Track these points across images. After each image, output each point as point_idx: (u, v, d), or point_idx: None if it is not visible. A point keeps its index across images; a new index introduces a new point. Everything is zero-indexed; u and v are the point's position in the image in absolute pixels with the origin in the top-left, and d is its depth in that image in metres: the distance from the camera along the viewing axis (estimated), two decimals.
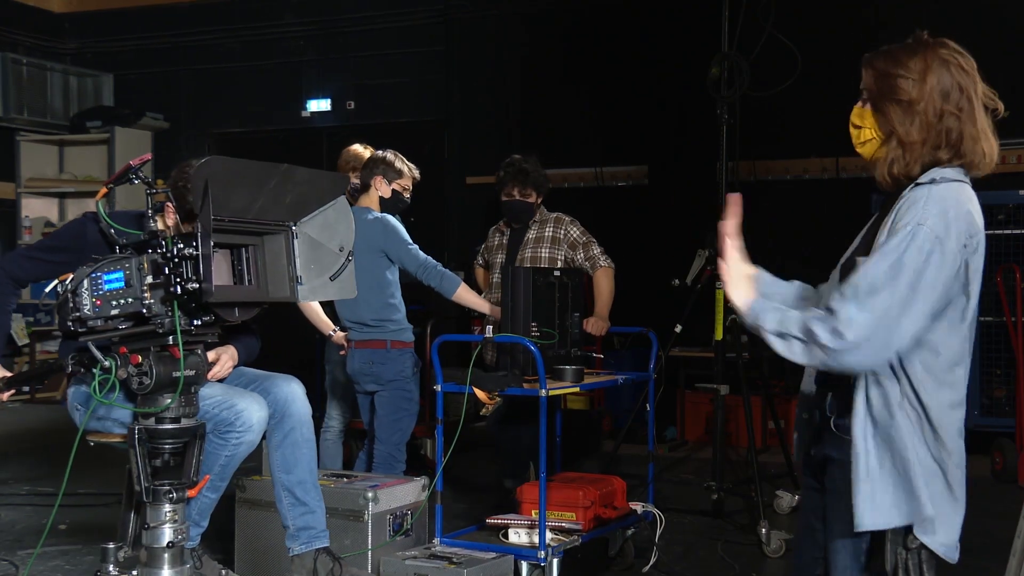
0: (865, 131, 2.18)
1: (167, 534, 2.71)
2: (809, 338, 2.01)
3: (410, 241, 4.40)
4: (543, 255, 4.79)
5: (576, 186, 7.70)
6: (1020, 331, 6.08)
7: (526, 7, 8.08)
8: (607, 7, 7.76)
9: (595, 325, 4.68)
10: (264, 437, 3.45)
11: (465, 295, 4.43)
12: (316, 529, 3.59)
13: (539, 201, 4.88)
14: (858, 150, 2.22)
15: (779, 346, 2.05)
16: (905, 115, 2.10)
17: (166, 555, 2.73)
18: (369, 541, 3.84)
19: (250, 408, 3.28)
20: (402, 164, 4.61)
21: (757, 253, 2.24)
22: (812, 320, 2.02)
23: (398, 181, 4.59)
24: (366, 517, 3.84)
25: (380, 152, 4.64)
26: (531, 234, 4.86)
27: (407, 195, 4.65)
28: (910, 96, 2.09)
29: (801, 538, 2.35)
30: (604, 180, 7.81)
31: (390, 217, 4.46)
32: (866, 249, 2.14)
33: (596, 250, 4.80)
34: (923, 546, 2.07)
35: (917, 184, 2.08)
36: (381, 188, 4.57)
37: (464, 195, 8.29)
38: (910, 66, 2.10)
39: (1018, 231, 6.34)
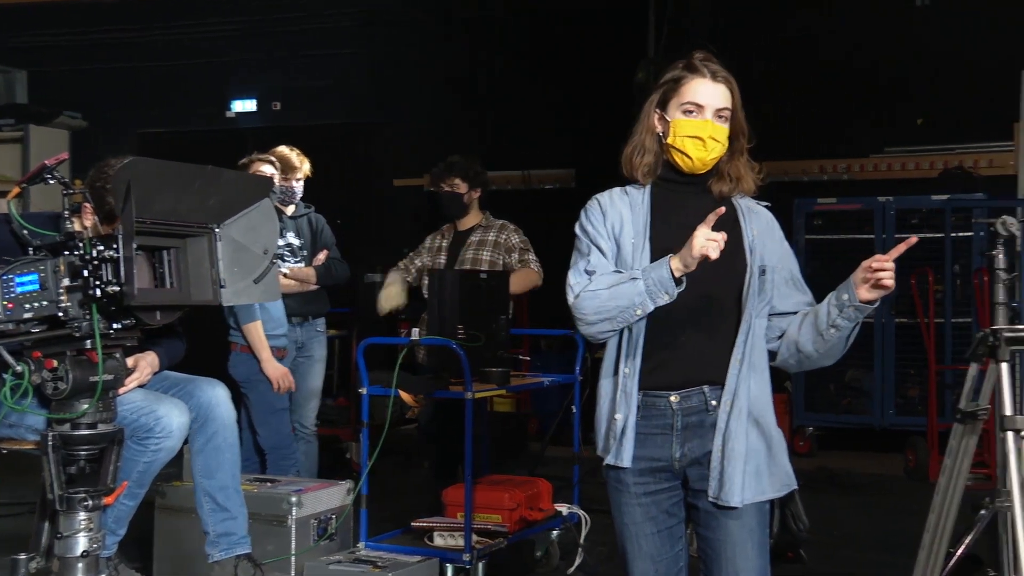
0: (720, 145, 2.34)
1: (81, 543, 2.64)
2: None
3: None
4: (484, 258, 4.79)
5: (503, 188, 7.71)
6: (932, 332, 6.27)
7: (447, 11, 8.07)
8: (532, 10, 7.79)
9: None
10: (186, 442, 3.40)
11: (251, 332, 4.49)
12: (237, 535, 3.54)
13: (473, 195, 4.86)
14: (707, 163, 2.36)
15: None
16: (742, 113, 2.36)
17: (80, 565, 2.66)
18: (292, 546, 3.80)
19: (170, 414, 3.23)
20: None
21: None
22: None
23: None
24: (289, 522, 3.80)
25: (268, 165, 4.64)
26: (474, 238, 4.84)
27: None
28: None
29: (653, 545, 2.47)
30: (532, 183, 7.85)
31: None
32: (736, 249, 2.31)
33: (530, 256, 4.82)
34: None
35: (759, 202, 2.41)
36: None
37: (392, 197, 8.26)
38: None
39: (932, 235, 6.51)
